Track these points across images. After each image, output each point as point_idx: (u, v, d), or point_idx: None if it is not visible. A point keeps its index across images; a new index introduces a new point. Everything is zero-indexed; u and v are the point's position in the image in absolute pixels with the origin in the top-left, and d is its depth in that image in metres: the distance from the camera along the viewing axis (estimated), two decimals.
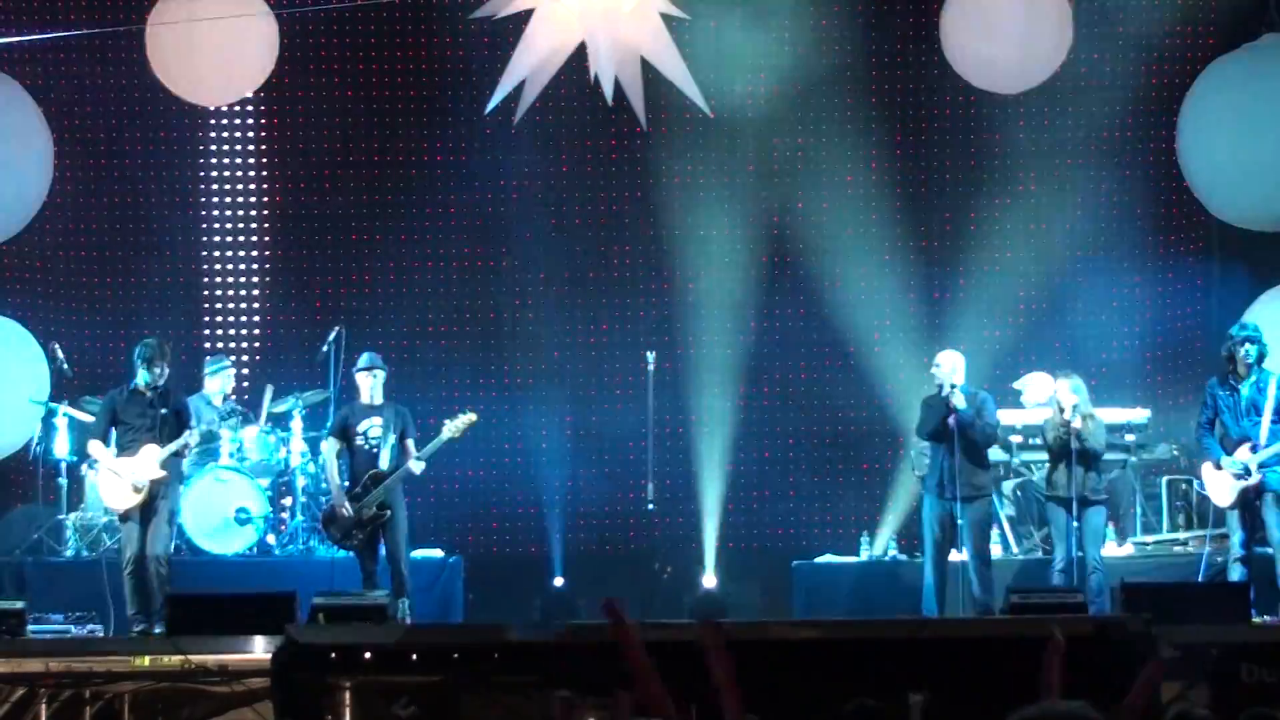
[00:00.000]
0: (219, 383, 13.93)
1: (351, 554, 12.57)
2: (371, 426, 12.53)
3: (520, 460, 15.23)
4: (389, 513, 12.36)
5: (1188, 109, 14.20)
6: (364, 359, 12.78)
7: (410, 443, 12.50)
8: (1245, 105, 13.74)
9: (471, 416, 12.60)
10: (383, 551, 12.50)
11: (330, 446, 12.63)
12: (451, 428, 12.53)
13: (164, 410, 11.96)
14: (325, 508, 12.78)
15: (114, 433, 12.07)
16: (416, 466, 12.48)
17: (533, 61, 15.01)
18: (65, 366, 13.75)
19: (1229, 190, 14.04)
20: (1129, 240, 15.34)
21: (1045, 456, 12.95)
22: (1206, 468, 12.33)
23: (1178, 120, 14.29)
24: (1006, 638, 9.25)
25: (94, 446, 12.20)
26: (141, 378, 11.97)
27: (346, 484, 12.53)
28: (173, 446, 11.92)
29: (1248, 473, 11.99)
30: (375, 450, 12.48)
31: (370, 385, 12.63)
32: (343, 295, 15.36)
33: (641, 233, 15.54)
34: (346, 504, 12.39)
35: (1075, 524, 12.30)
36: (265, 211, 15.70)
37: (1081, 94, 15.07)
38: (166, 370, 12.03)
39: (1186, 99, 14.21)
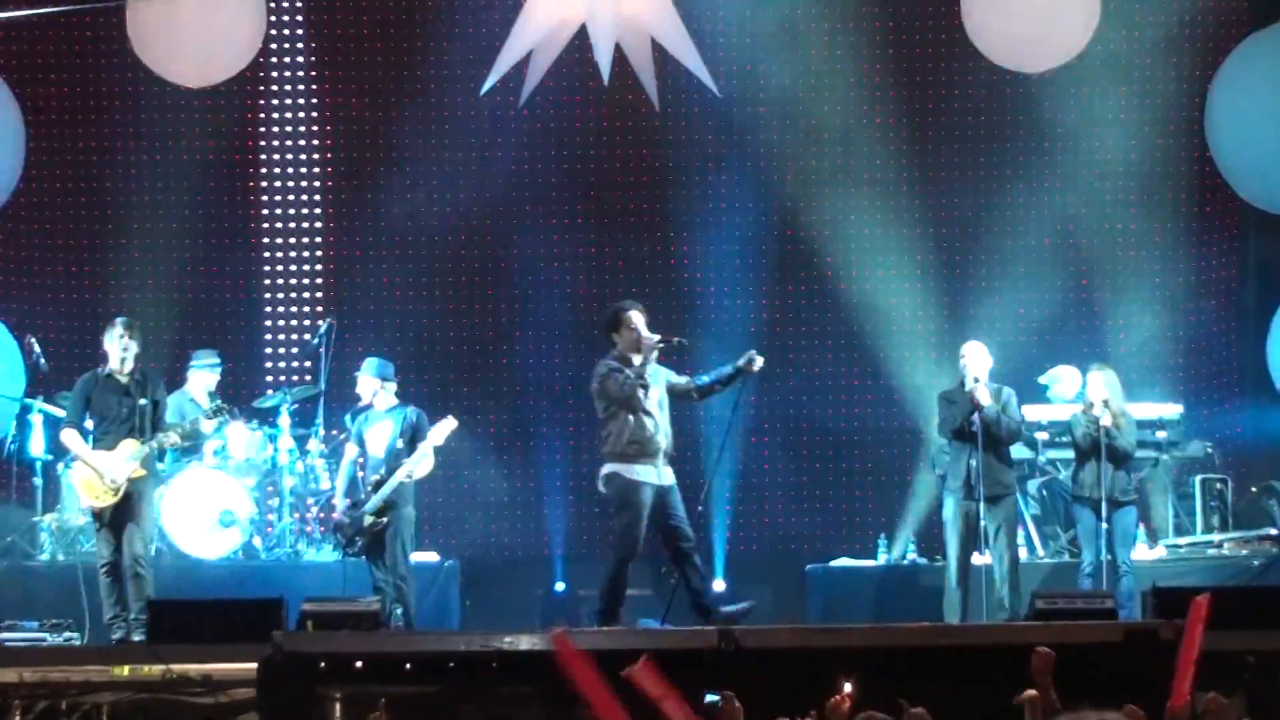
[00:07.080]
0: (204, 379, 13.57)
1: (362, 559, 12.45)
2: (381, 433, 12.43)
3: (519, 460, 15.02)
4: (385, 520, 12.18)
5: (1218, 89, 14.20)
6: (374, 368, 12.55)
7: (424, 444, 12.33)
8: (1278, 85, 13.66)
9: (452, 422, 12.38)
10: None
11: (349, 453, 12.58)
12: (434, 434, 12.32)
13: (142, 401, 11.50)
14: (336, 515, 12.70)
15: (89, 422, 11.67)
16: (412, 469, 12.24)
17: (532, 41, 14.94)
18: (41, 361, 13.48)
19: (1263, 175, 13.97)
20: (1159, 227, 15.14)
21: (1072, 454, 12.70)
22: None
23: (1208, 101, 14.25)
24: (1032, 645, 8.95)
25: (68, 436, 11.65)
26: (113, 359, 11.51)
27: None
28: (153, 445, 11.49)
29: None
30: (383, 457, 12.33)
31: (375, 392, 12.52)
32: (334, 286, 15.21)
33: (649, 219, 15.40)
34: (347, 511, 12.36)
35: (1104, 525, 12.08)
36: (250, 198, 15.47)
37: (1108, 74, 14.85)
38: (135, 349, 11.53)
39: (1216, 79, 14.21)
